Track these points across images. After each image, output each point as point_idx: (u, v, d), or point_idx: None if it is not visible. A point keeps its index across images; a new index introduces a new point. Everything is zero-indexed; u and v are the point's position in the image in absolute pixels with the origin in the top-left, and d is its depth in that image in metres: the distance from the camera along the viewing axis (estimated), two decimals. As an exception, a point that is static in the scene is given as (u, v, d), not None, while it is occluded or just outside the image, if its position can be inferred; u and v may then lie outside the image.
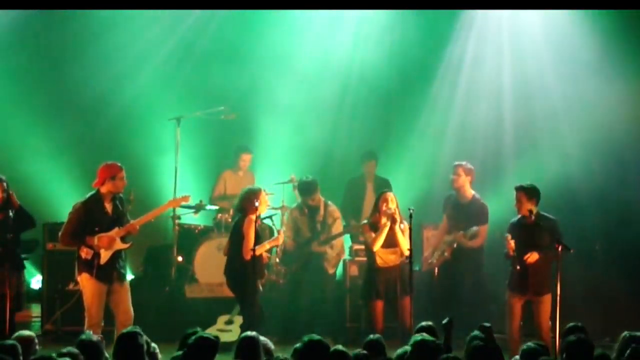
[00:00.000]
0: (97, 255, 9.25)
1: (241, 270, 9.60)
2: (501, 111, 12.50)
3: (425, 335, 6.41)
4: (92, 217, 9.29)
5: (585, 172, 11.95)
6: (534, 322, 9.51)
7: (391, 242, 9.58)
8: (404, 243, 9.50)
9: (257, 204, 9.49)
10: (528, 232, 9.44)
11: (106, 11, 12.12)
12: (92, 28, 12.45)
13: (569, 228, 9.90)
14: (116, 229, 9.32)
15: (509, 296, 9.56)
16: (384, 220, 9.55)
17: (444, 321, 7.00)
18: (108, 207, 9.33)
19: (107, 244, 9.28)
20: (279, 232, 10.42)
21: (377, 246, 9.55)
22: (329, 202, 11.50)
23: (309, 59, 12.88)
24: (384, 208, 9.56)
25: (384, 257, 9.60)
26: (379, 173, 12.31)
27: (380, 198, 9.70)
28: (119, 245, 9.33)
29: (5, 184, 9.46)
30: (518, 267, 9.42)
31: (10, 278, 9.34)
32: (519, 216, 9.54)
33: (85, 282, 9.32)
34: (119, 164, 9.34)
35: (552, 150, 12.30)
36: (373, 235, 9.59)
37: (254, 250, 9.39)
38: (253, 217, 9.58)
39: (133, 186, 9.68)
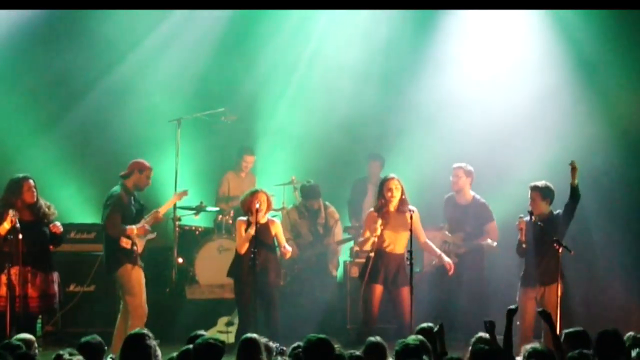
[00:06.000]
0: (134, 244, 9.52)
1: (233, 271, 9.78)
2: (508, 112, 12.42)
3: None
4: (128, 207, 9.55)
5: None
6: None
7: (398, 228, 9.36)
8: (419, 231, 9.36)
9: (257, 205, 9.44)
10: (540, 229, 9.23)
11: (107, 13, 12.13)
12: (93, 30, 12.42)
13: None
14: (144, 219, 9.64)
15: (521, 293, 9.35)
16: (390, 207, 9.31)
17: (435, 329, 6.81)
18: (133, 199, 9.64)
19: (144, 234, 9.62)
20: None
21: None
22: (327, 203, 11.49)
23: (311, 60, 12.88)
24: (386, 194, 9.35)
25: (392, 242, 9.36)
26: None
27: (382, 184, 9.47)
28: (150, 235, 9.70)
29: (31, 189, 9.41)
30: (527, 262, 9.29)
31: (33, 280, 9.27)
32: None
33: (130, 272, 9.50)
34: (149, 164, 9.72)
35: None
36: (376, 225, 9.29)
37: (254, 251, 9.35)
38: (244, 218, 9.65)
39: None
